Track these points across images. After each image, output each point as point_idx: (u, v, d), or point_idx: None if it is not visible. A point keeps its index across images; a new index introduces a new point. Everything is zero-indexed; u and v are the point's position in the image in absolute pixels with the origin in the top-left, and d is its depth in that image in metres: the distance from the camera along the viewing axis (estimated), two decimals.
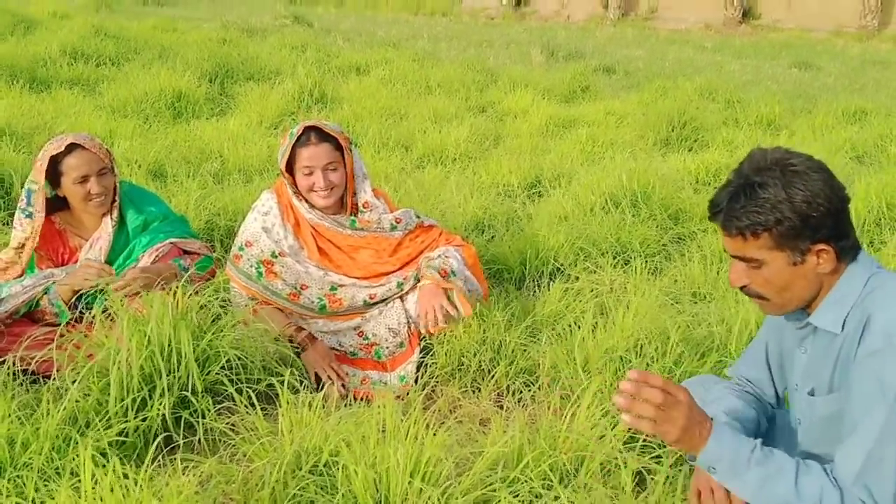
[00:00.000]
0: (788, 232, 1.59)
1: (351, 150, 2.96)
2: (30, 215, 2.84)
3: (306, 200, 2.96)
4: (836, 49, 17.72)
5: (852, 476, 1.52)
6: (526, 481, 2.05)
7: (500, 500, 1.98)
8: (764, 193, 1.59)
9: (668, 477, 1.92)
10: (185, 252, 3.05)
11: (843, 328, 1.64)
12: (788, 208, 1.57)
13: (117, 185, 2.95)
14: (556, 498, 1.96)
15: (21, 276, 2.85)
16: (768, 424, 2.04)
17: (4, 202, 4.17)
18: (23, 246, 2.86)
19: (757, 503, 1.61)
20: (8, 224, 3.75)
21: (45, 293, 2.74)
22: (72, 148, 2.81)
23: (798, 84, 11.15)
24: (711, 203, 1.69)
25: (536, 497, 2.00)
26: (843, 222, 1.62)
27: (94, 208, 2.87)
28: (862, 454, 1.52)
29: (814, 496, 1.53)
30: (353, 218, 3.01)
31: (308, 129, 2.88)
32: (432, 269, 2.90)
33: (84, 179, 2.82)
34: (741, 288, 1.72)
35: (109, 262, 2.89)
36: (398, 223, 3.06)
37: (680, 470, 2.11)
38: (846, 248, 1.64)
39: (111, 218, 2.92)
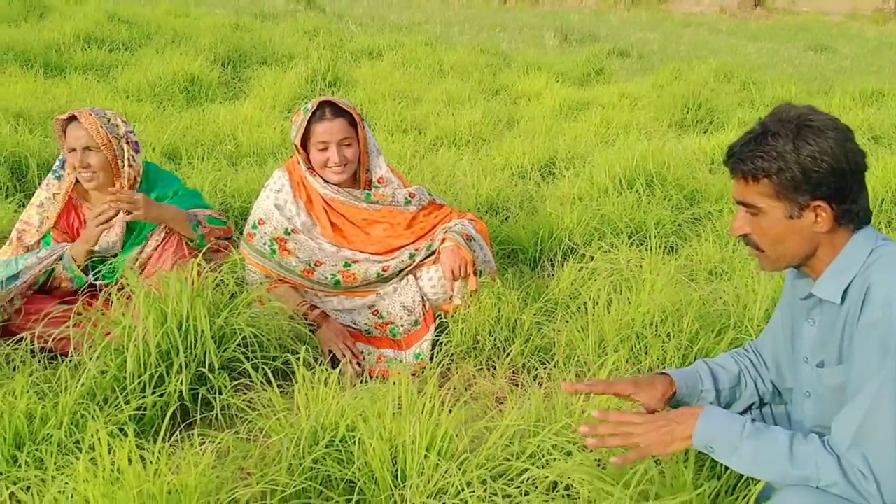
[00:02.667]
0: (788, 183, 1.61)
1: (364, 126, 2.95)
2: (59, 177, 2.91)
3: (320, 176, 2.96)
4: (851, 32, 17.55)
5: (846, 443, 1.51)
6: (542, 455, 2.05)
7: (515, 471, 1.98)
8: (773, 142, 1.62)
9: None
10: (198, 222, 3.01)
11: (843, 299, 1.64)
12: (793, 159, 1.59)
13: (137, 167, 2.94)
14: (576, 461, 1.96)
15: (37, 248, 2.87)
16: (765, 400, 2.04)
17: (21, 184, 4.19)
18: (43, 205, 2.91)
19: (755, 475, 1.61)
20: (24, 205, 3.76)
21: (60, 260, 2.77)
22: (72, 119, 2.84)
23: (814, 66, 11.05)
24: (728, 147, 1.73)
25: (551, 459, 1.99)
26: (850, 186, 1.61)
27: (84, 181, 2.89)
28: (856, 422, 1.51)
29: (809, 465, 1.52)
30: (368, 192, 3.01)
31: (322, 105, 2.88)
32: (454, 233, 2.92)
33: (73, 151, 2.84)
34: (742, 238, 1.75)
35: (124, 242, 2.89)
36: (412, 198, 3.06)
37: None
38: (849, 212, 1.63)
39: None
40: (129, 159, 2.87)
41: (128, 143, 2.88)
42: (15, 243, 2.91)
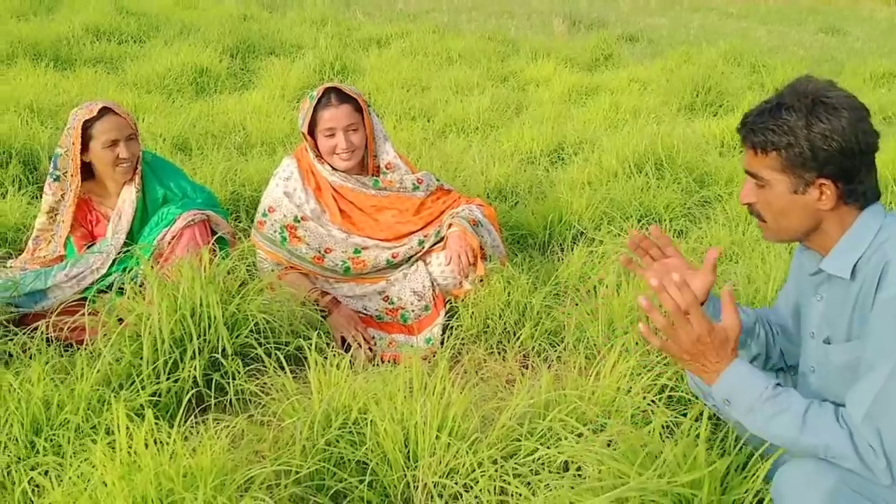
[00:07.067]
0: (796, 158, 1.61)
1: (370, 112, 2.97)
2: (56, 178, 2.90)
3: (328, 163, 2.98)
4: (863, 13, 17.36)
5: (860, 416, 1.51)
6: (552, 436, 2.07)
7: (526, 451, 2.00)
8: (786, 115, 1.61)
9: (691, 427, 1.92)
10: (213, 233, 3.00)
11: (853, 275, 1.64)
12: (804, 136, 1.59)
13: (140, 154, 2.97)
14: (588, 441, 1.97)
15: (61, 254, 2.89)
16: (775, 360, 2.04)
17: (33, 176, 4.22)
18: (54, 210, 2.91)
19: (766, 438, 1.62)
20: (37, 197, 3.80)
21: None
22: (103, 112, 2.85)
23: (825, 49, 10.97)
24: (743, 115, 1.73)
25: (562, 439, 2.01)
26: (858, 166, 1.61)
27: (120, 174, 2.90)
28: (870, 397, 1.50)
29: (820, 436, 1.52)
30: (375, 178, 3.03)
31: (328, 91, 2.89)
32: (461, 218, 2.94)
33: (113, 144, 2.85)
34: (748, 206, 1.76)
35: (133, 231, 2.92)
36: (420, 184, 3.07)
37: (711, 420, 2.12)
38: (854, 192, 1.63)
39: (134, 187, 2.93)
40: None
41: None
42: (33, 251, 2.94)
